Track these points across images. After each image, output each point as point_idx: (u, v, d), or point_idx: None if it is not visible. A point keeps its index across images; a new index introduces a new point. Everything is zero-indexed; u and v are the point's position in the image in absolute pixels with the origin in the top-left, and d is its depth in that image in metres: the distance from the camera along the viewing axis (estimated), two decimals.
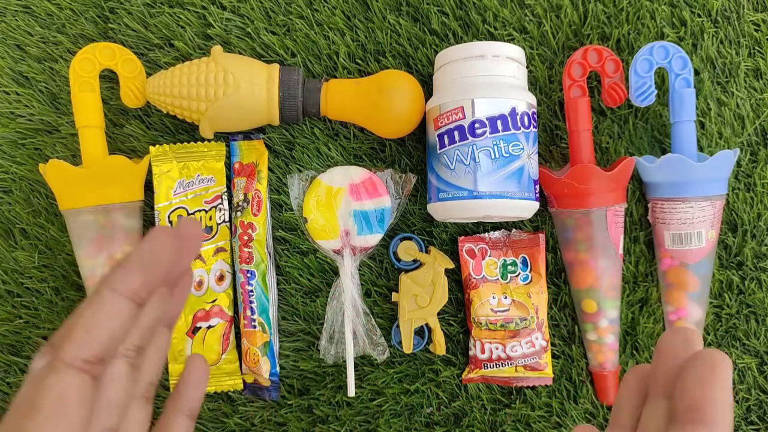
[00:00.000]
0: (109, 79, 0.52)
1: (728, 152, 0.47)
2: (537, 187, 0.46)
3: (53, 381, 0.23)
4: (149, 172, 0.51)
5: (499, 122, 0.44)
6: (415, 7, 0.51)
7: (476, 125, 0.44)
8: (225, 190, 0.50)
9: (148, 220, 0.51)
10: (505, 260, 0.51)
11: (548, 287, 0.51)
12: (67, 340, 0.24)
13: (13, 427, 0.24)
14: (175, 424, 0.31)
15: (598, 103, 0.51)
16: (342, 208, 0.50)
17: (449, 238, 0.52)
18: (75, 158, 0.51)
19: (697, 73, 0.51)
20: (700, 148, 0.51)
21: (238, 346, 0.51)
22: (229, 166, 0.51)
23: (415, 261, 0.51)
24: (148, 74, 0.51)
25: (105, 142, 0.49)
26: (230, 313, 0.50)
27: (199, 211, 0.50)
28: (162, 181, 0.50)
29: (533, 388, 0.51)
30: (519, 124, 0.44)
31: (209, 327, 0.49)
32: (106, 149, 0.49)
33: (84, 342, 0.24)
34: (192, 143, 0.50)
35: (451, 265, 0.50)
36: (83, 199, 0.47)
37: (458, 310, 0.52)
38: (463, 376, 0.51)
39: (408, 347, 0.50)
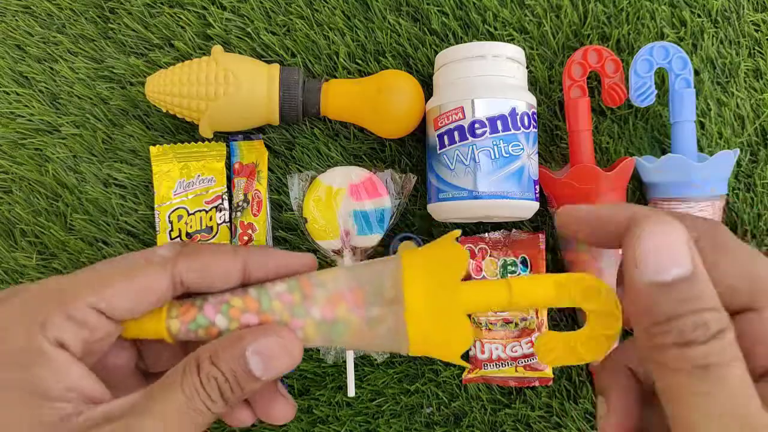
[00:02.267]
0: (109, 79, 0.52)
1: (728, 152, 0.47)
2: (537, 187, 0.46)
3: None
4: (149, 172, 0.51)
5: (499, 122, 0.44)
6: (415, 7, 0.52)
7: (476, 125, 0.44)
8: (225, 190, 0.50)
9: (148, 221, 0.51)
10: (505, 260, 0.51)
11: None
12: None
13: None
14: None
15: (598, 104, 0.51)
16: (342, 208, 0.50)
17: None
18: (75, 158, 0.51)
19: (697, 73, 0.51)
20: (700, 149, 0.51)
21: None
22: (229, 166, 0.51)
23: None
24: (148, 74, 0.51)
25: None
26: None
27: (200, 211, 0.50)
28: (162, 181, 0.50)
29: (533, 388, 0.51)
30: (519, 125, 0.44)
31: None
32: None
33: None
34: (192, 143, 0.50)
35: None
36: None
37: None
38: (463, 376, 0.51)
39: None
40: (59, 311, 0.26)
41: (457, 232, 0.29)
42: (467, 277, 0.50)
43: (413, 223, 0.52)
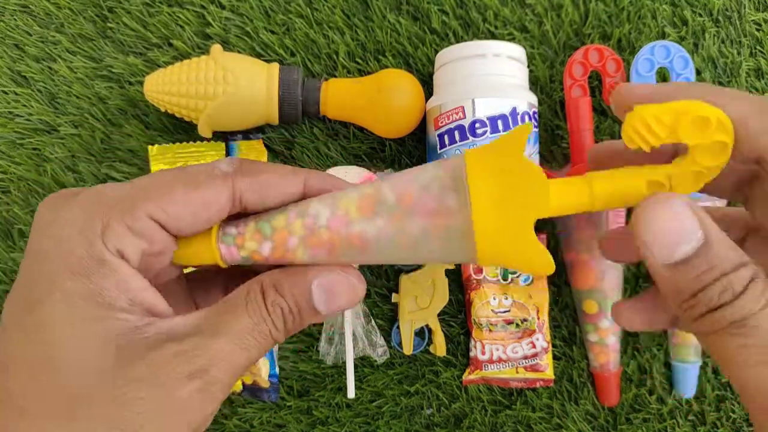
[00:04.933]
0: (108, 79, 0.52)
1: None
2: None
3: None
4: (148, 172, 0.50)
5: (499, 122, 0.44)
6: (415, 6, 0.51)
7: (477, 125, 0.44)
8: None
9: None
10: None
11: (549, 288, 0.51)
12: None
13: None
14: None
15: (599, 103, 0.51)
16: None
17: None
18: (74, 158, 0.51)
19: (698, 72, 0.51)
20: None
21: None
22: None
23: None
24: (147, 74, 0.51)
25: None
26: None
27: None
28: None
29: (534, 389, 0.51)
30: (520, 124, 0.44)
31: None
32: None
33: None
34: (191, 143, 0.50)
35: (451, 266, 0.50)
36: None
37: (459, 311, 0.51)
38: (463, 377, 0.51)
39: (408, 348, 0.50)
40: (119, 220, 0.24)
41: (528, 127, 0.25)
42: (467, 277, 0.50)
43: None
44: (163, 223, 0.25)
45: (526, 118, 0.44)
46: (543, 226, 0.51)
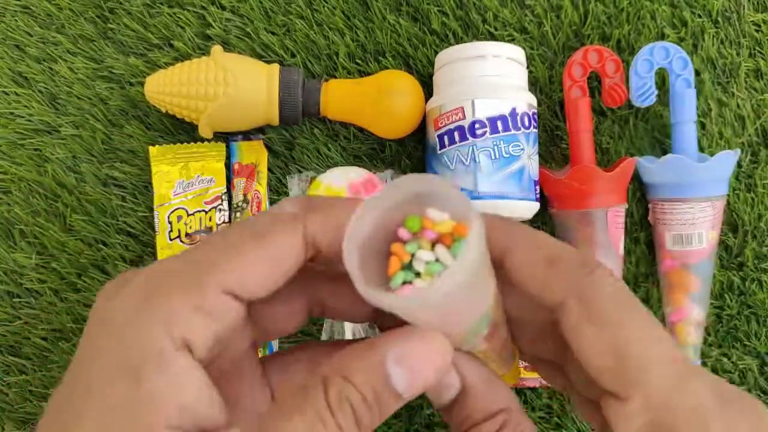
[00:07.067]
0: (108, 80, 0.52)
1: (729, 153, 0.46)
2: (537, 187, 0.46)
3: None
4: (149, 172, 0.50)
5: (499, 123, 0.44)
6: (415, 7, 0.51)
7: (476, 126, 0.44)
8: (225, 190, 0.50)
9: (148, 221, 0.51)
10: None
11: None
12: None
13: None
14: None
15: (599, 104, 0.51)
16: None
17: None
18: (74, 159, 0.51)
19: (697, 73, 0.51)
20: (701, 149, 0.51)
21: None
22: (228, 166, 0.51)
23: None
24: (148, 74, 0.51)
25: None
26: None
27: (199, 212, 0.50)
28: (161, 181, 0.50)
29: (533, 389, 0.51)
30: (519, 125, 0.44)
31: None
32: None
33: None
34: (192, 143, 0.50)
35: None
36: None
37: None
38: None
39: None
40: (185, 300, 0.20)
41: None
42: None
43: None
44: (238, 292, 0.21)
45: (526, 118, 0.45)
46: (542, 226, 0.51)
